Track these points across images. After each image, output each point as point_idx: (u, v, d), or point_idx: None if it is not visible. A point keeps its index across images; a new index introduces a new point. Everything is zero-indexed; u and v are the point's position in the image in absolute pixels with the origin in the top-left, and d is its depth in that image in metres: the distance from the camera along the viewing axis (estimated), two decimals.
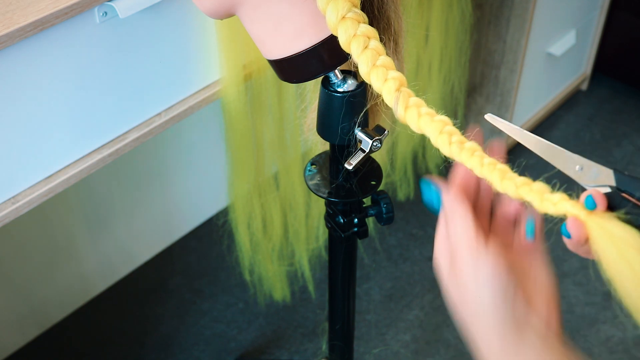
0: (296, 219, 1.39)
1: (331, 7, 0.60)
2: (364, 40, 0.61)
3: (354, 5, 0.62)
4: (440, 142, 0.60)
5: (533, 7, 1.62)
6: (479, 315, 0.56)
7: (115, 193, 1.57)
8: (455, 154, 0.60)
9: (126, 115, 0.90)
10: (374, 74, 0.61)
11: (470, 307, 0.57)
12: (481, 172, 0.59)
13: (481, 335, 0.57)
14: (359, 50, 0.61)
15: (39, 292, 1.54)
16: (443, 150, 0.60)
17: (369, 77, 0.61)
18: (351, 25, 0.61)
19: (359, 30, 0.61)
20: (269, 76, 1.10)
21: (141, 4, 0.81)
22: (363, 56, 0.61)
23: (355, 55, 0.61)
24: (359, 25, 0.61)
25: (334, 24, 0.61)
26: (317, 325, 1.62)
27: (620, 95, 2.20)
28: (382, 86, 0.61)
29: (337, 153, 0.83)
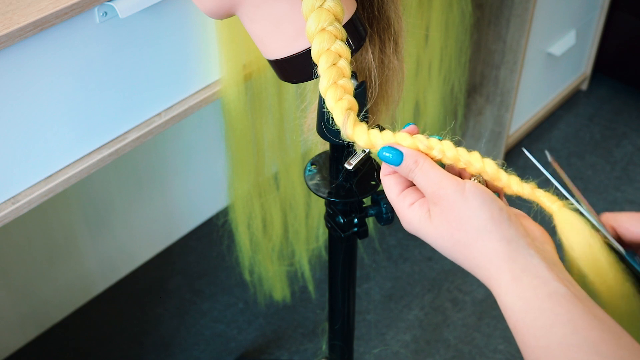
0: (296, 219, 1.39)
1: (313, 16, 0.61)
2: (334, 56, 0.62)
3: (336, 20, 0.62)
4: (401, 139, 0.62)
5: (533, 7, 1.62)
6: (482, 240, 0.56)
7: (115, 193, 1.57)
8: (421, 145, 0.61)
9: (126, 115, 0.90)
10: (331, 91, 0.62)
11: (471, 231, 0.56)
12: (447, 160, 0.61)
13: (487, 260, 0.56)
14: (326, 65, 0.62)
15: (39, 292, 1.54)
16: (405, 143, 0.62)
17: (326, 93, 0.62)
18: (327, 38, 0.62)
19: (333, 46, 0.62)
20: (269, 76, 1.10)
21: (141, 4, 0.80)
22: (327, 72, 0.62)
23: (321, 69, 0.62)
24: (335, 41, 0.62)
25: (312, 33, 0.62)
26: (317, 325, 1.62)
27: (620, 95, 2.20)
28: (334, 104, 0.62)
29: (337, 153, 0.83)
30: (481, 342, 1.59)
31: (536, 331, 0.52)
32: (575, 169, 1.97)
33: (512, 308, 0.54)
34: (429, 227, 0.59)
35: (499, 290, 0.55)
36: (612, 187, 1.94)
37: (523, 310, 0.53)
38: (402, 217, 0.61)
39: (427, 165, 0.59)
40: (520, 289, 0.54)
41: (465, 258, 0.57)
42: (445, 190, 0.57)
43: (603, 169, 1.98)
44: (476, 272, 0.57)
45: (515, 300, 0.53)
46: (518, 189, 0.61)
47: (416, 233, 0.61)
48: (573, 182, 0.62)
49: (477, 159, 0.61)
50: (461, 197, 0.56)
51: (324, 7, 0.61)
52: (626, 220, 0.60)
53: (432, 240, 0.59)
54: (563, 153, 2.02)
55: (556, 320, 0.52)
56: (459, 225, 0.57)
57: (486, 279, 0.56)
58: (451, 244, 0.58)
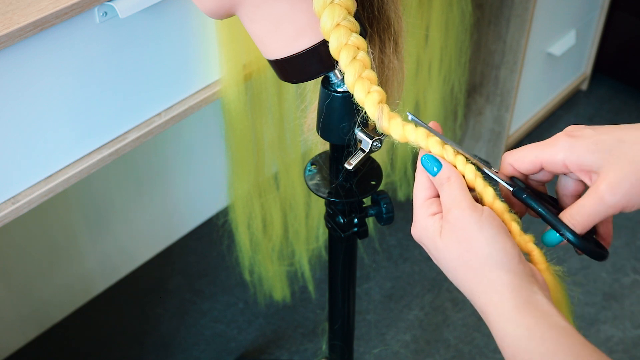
0: (296, 219, 1.39)
1: (327, 13, 0.61)
2: (354, 50, 0.63)
3: (349, 13, 0.63)
4: (432, 145, 0.62)
5: (533, 7, 1.62)
6: (490, 267, 0.56)
7: (115, 193, 1.57)
8: (448, 155, 0.62)
9: (126, 115, 0.90)
10: (359, 84, 0.63)
11: (481, 257, 0.57)
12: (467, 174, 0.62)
13: (491, 287, 0.56)
14: (347, 59, 0.63)
15: (39, 292, 1.54)
16: (434, 151, 0.62)
17: (354, 87, 0.63)
18: (344, 33, 0.62)
19: (350, 39, 0.62)
20: (269, 76, 1.10)
21: (141, 4, 0.81)
22: (351, 66, 0.63)
23: (344, 64, 0.63)
24: (351, 34, 0.63)
25: (328, 29, 0.62)
26: (317, 325, 1.62)
27: (620, 95, 2.21)
28: (365, 98, 0.63)
29: (337, 153, 0.83)
30: (481, 342, 1.59)
31: (538, 358, 0.52)
32: None
33: (512, 335, 0.54)
34: (438, 241, 0.59)
35: (499, 318, 0.55)
36: None
37: (525, 337, 0.53)
38: (417, 222, 0.62)
39: (456, 185, 0.60)
40: (523, 316, 0.54)
41: (466, 280, 0.58)
42: (463, 211, 0.58)
43: None
44: (475, 297, 0.57)
45: (517, 328, 0.54)
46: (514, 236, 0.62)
47: (424, 242, 0.61)
48: None
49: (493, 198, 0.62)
50: (477, 222, 0.57)
51: (335, 2, 0.62)
52: (519, 152, 0.62)
53: (438, 255, 0.60)
54: None
55: (559, 349, 0.52)
56: (468, 247, 0.57)
57: (484, 305, 0.57)
58: (458, 263, 0.58)
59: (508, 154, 0.63)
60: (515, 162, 0.62)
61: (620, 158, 0.56)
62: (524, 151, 0.61)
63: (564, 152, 0.59)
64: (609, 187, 0.56)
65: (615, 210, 0.57)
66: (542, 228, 0.62)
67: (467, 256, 0.57)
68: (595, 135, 0.58)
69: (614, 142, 0.57)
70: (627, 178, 0.56)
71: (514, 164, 0.62)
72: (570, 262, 1.75)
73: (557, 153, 0.59)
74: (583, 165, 0.58)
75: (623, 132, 0.57)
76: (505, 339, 0.55)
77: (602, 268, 1.74)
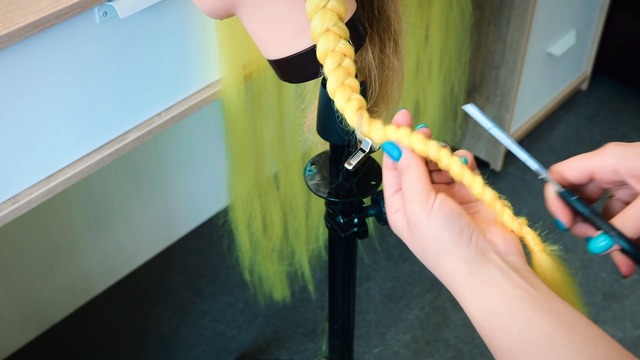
0: (296, 219, 1.39)
1: (318, 17, 0.62)
2: (340, 57, 0.63)
3: (340, 19, 0.63)
4: (415, 142, 0.62)
5: (533, 7, 1.62)
6: (442, 260, 0.59)
7: (115, 193, 1.57)
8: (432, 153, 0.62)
9: (126, 115, 0.90)
10: (340, 92, 0.63)
11: (432, 250, 0.59)
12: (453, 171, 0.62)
13: (449, 277, 0.59)
14: (332, 66, 0.63)
15: (39, 292, 1.54)
16: (417, 147, 0.62)
17: (334, 94, 0.64)
18: (332, 39, 0.63)
19: (338, 46, 0.62)
20: (269, 76, 1.10)
21: (141, 4, 0.81)
22: (334, 73, 0.63)
23: (327, 70, 0.64)
24: (340, 40, 0.63)
25: (317, 34, 0.63)
26: (317, 325, 1.62)
27: (620, 95, 2.20)
28: (344, 105, 0.63)
29: (337, 153, 0.83)
30: (481, 342, 1.59)
31: (497, 334, 0.55)
32: None
33: (474, 317, 0.57)
34: (405, 235, 0.62)
35: (464, 301, 0.58)
36: None
37: (484, 317, 0.56)
38: (388, 218, 0.64)
39: (414, 174, 0.60)
40: (480, 299, 0.57)
41: (433, 271, 0.61)
42: (414, 205, 0.59)
43: None
44: (444, 283, 0.60)
45: (477, 310, 0.57)
46: (507, 223, 0.62)
47: (399, 235, 0.63)
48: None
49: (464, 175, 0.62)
50: (426, 217, 0.58)
51: (327, 7, 0.62)
52: (569, 162, 0.62)
53: (410, 245, 0.62)
54: (563, 153, 2.02)
55: (513, 320, 0.55)
56: (422, 243, 0.60)
57: (452, 292, 0.60)
58: (421, 256, 0.61)
59: (556, 165, 0.63)
60: (564, 171, 0.62)
61: None
62: (573, 160, 0.62)
63: (614, 157, 0.59)
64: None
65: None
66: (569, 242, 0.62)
67: (424, 250, 0.60)
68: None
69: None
70: None
71: (564, 172, 0.62)
72: (571, 262, 1.75)
73: (607, 158, 0.59)
74: (634, 170, 0.58)
75: None
76: (473, 322, 0.58)
77: (602, 268, 1.74)
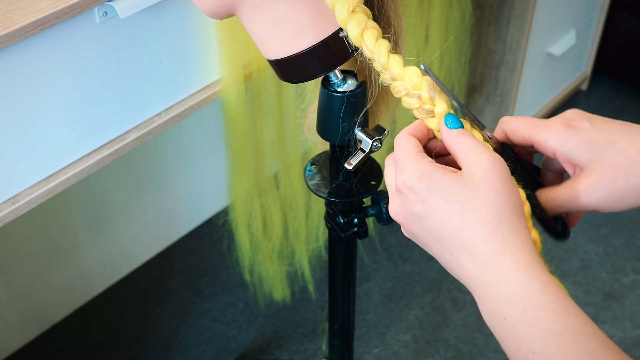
0: (296, 219, 1.39)
1: (340, 1, 0.61)
2: (376, 32, 0.62)
3: (360, 1, 0.63)
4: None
5: (533, 7, 1.62)
6: (516, 218, 0.54)
7: (115, 193, 1.57)
8: None
9: (126, 115, 0.90)
10: (393, 60, 0.62)
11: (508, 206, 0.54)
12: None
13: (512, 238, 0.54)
14: (373, 40, 0.62)
15: (39, 292, 1.54)
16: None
17: (388, 64, 0.62)
18: (362, 18, 0.62)
19: (369, 23, 0.62)
20: (269, 76, 1.10)
21: (141, 4, 0.81)
22: (378, 45, 0.62)
23: (371, 45, 0.62)
24: (368, 19, 0.63)
25: (344, 18, 0.62)
26: (317, 325, 1.62)
27: (620, 95, 2.21)
28: (404, 72, 0.62)
29: (337, 153, 0.83)
30: (481, 342, 1.59)
31: (551, 314, 0.51)
32: None
33: (527, 287, 0.52)
34: (456, 180, 0.56)
35: (515, 267, 0.52)
36: None
37: (540, 291, 0.51)
38: (414, 166, 0.57)
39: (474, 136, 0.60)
40: (537, 271, 0.52)
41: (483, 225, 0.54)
42: (495, 155, 0.57)
43: None
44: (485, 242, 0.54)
45: (533, 281, 0.52)
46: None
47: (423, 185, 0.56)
48: None
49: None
50: (507, 170, 0.56)
51: None
52: (515, 124, 0.62)
53: (450, 193, 0.55)
54: None
55: (571, 307, 0.51)
56: (502, 192, 0.55)
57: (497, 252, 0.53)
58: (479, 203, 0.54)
59: (504, 121, 0.63)
60: (509, 132, 0.63)
61: (604, 164, 0.57)
62: (519, 124, 0.62)
63: (555, 142, 0.59)
64: (585, 188, 0.57)
65: (588, 210, 0.58)
66: None
67: (495, 198, 0.54)
68: (590, 132, 0.58)
69: (605, 144, 0.57)
70: (605, 184, 0.57)
71: (508, 133, 0.63)
72: (571, 262, 1.75)
73: (549, 140, 0.60)
74: (570, 160, 0.59)
75: (618, 135, 0.58)
76: (516, 290, 0.52)
77: (602, 268, 1.74)
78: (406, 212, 0.59)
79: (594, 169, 0.57)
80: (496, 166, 0.56)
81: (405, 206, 0.58)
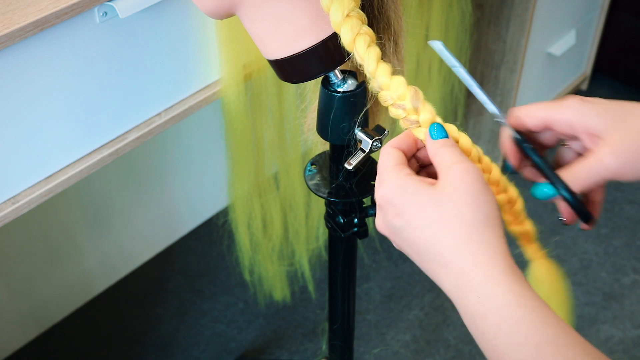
0: (296, 219, 1.39)
1: (335, 5, 0.61)
2: (368, 38, 0.62)
3: (356, 5, 0.63)
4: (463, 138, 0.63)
5: (533, 7, 1.62)
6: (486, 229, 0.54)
7: (115, 193, 1.57)
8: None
9: (126, 115, 0.90)
10: (381, 68, 0.62)
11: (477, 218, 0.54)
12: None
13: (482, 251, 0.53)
14: (364, 47, 0.62)
15: (39, 292, 1.54)
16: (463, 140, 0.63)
17: (376, 70, 0.62)
18: (356, 23, 0.62)
19: (362, 29, 0.62)
20: (269, 76, 1.10)
21: (141, 4, 0.81)
22: (368, 53, 0.62)
23: (361, 52, 0.62)
24: (362, 25, 0.63)
25: (338, 22, 0.62)
26: (317, 325, 1.62)
27: (620, 95, 2.21)
28: (390, 81, 0.62)
29: (337, 153, 0.83)
30: None
31: (526, 327, 0.50)
32: None
33: (500, 302, 0.51)
34: (430, 192, 0.56)
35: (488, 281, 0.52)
36: (612, 187, 1.94)
37: (514, 304, 0.51)
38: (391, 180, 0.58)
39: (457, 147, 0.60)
40: (511, 282, 0.52)
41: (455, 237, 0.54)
42: (469, 165, 0.57)
43: None
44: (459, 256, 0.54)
45: (506, 294, 0.51)
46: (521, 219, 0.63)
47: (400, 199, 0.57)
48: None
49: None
50: (482, 180, 0.56)
51: None
52: (530, 108, 0.63)
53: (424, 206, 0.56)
54: None
55: (547, 319, 0.51)
56: (471, 201, 0.55)
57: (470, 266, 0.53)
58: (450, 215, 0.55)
59: (517, 108, 0.63)
60: (523, 116, 0.63)
61: (624, 127, 0.58)
62: (533, 106, 0.62)
63: (572, 112, 0.60)
64: (610, 152, 0.58)
65: (613, 176, 0.58)
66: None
67: (465, 209, 0.54)
68: (606, 103, 0.60)
69: (622, 111, 0.59)
70: (627, 147, 0.58)
71: (522, 118, 0.63)
72: (571, 262, 1.75)
73: (565, 111, 0.60)
74: (589, 128, 0.59)
75: (633, 105, 0.59)
76: (490, 305, 0.52)
77: (602, 268, 1.74)
78: (388, 226, 0.59)
79: (614, 133, 0.58)
80: (467, 177, 0.56)
81: (386, 220, 0.59)
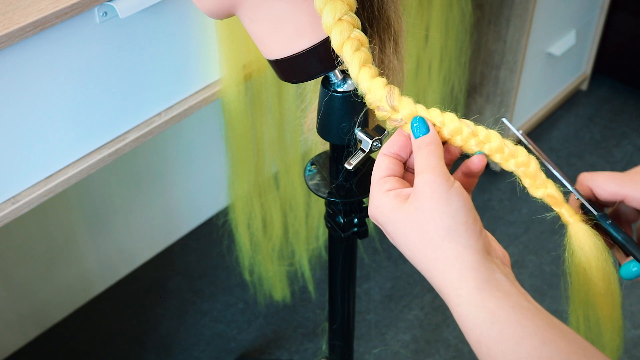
0: (296, 219, 1.39)
1: (328, 8, 0.62)
2: (357, 43, 0.62)
3: (350, 9, 0.63)
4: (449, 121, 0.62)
5: (533, 7, 1.62)
6: (449, 242, 0.54)
7: (115, 193, 1.58)
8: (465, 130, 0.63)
9: (126, 115, 0.90)
10: (365, 70, 0.63)
11: (441, 228, 0.54)
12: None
13: (449, 264, 0.54)
14: (351, 51, 0.63)
15: (39, 292, 1.54)
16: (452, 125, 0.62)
17: (359, 74, 0.63)
18: (346, 27, 0.62)
19: (353, 33, 0.62)
20: (269, 76, 1.10)
21: (141, 4, 0.81)
22: (353, 57, 0.63)
23: (347, 56, 0.63)
24: (354, 29, 0.63)
25: (329, 25, 0.62)
26: (317, 325, 1.62)
27: (620, 95, 2.20)
28: (371, 82, 0.63)
29: (337, 153, 0.83)
30: None
31: (503, 344, 0.50)
32: (575, 169, 1.97)
33: (474, 320, 0.52)
34: (400, 212, 0.56)
35: (458, 300, 0.53)
36: None
37: (488, 322, 0.51)
38: (373, 200, 0.59)
39: (435, 151, 0.59)
40: (484, 299, 0.52)
41: (424, 256, 0.55)
42: (435, 176, 0.56)
43: (603, 169, 1.98)
44: (433, 275, 0.55)
45: (479, 312, 0.52)
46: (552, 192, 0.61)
47: (379, 220, 0.59)
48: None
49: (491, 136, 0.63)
50: (446, 192, 0.55)
51: None
52: (602, 181, 0.61)
53: (395, 229, 0.57)
54: (563, 153, 2.02)
55: (524, 332, 0.50)
56: (431, 217, 0.55)
57: (443, 286, 0.54)
58: (417, 235, 0.55)
59: (586, 177, 0.62)
60: (595, 189, 0.61)
61: None
62: (605, 180, 0.61)
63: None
64: None
65: None
66: None
67: (427, 226, 0.55)
68: None
69: None
70: None
71: (594, 190, 0.61)
72: None
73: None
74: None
75: None
76: (467, 323, 0.52)
77: None
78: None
79: None
80: (424, 190, 0.56)
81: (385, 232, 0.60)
